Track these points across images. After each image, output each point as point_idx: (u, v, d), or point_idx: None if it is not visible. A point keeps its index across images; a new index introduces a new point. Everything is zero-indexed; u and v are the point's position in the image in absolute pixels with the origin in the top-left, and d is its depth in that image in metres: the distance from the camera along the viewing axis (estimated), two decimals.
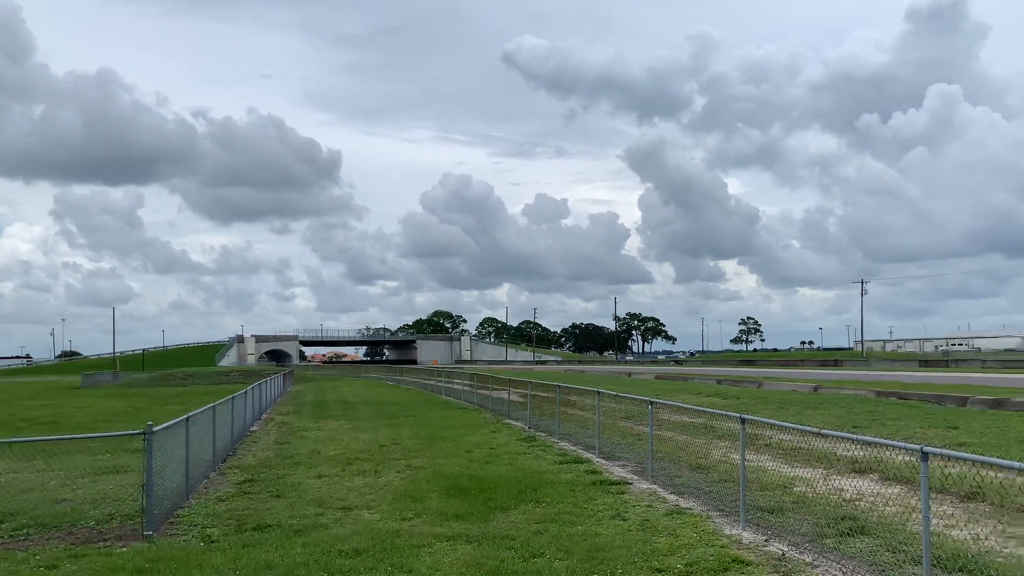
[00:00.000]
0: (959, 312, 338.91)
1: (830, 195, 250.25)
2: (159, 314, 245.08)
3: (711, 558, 7.50)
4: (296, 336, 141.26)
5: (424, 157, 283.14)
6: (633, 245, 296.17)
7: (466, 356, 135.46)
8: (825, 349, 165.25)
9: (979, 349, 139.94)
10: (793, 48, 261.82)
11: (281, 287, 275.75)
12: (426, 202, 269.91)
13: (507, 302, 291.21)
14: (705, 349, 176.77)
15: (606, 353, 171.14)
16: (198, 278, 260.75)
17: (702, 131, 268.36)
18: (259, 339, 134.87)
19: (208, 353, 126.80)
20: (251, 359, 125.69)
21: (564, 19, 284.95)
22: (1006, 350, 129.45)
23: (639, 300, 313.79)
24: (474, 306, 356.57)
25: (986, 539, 7.73)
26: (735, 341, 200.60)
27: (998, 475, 10.95)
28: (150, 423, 9.15)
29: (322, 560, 7.60)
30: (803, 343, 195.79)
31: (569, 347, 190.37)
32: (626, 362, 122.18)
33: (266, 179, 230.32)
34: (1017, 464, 5.29)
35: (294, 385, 50.46)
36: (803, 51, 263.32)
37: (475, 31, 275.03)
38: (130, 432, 9.83)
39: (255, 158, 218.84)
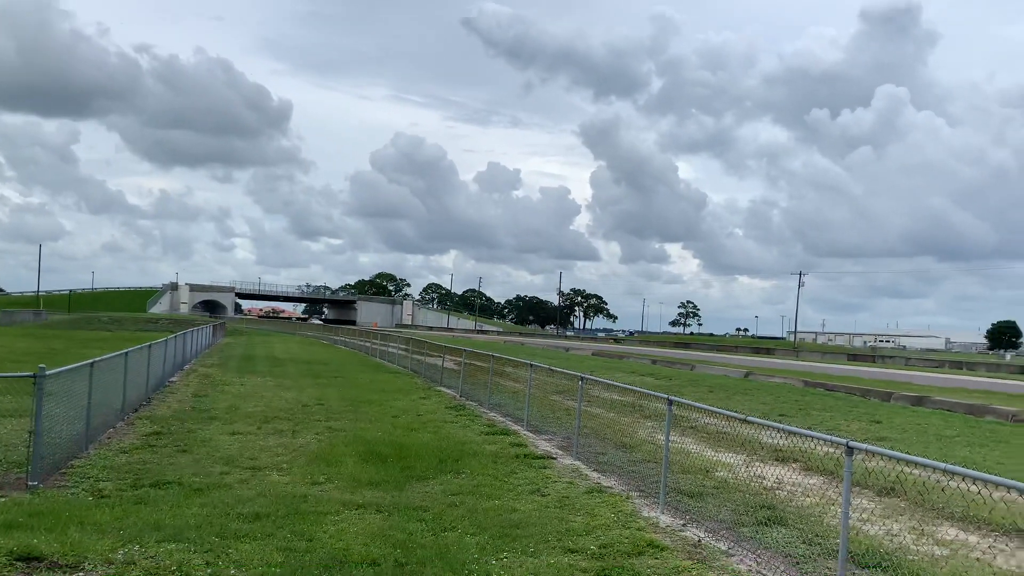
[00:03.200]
0: (889, 310, 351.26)
1: (776, 187, 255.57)
2: (90, 255, 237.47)
3: (626, 540, 7.28)
4: (233, 288, 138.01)
5: (377, 116, 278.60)
6: (582, 222, 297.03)
7: (407, 321, 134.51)
8: (759, 337, 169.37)
9: (904, 347, 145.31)
10: (751, 38, 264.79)
11: (221, 237, 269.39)
12: (376, 161, 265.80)
13: (453, 269, 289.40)
14: (644, 329, 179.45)
15: (548, 327, 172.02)
16: (134, 221, 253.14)
17: (657, 113, 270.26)
18: (194, 288, 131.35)
19: (140, 299, 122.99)
20: (184, 308, 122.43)
21: None
22: (929, 350, 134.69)
23: (584, 277, 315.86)
24: (419, 271, 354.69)
25: (902, 536, 7.70)
26: (674, 324, 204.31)
27: (915, 472, 11.07)
28: (42, 365, 8.47)
29: (217, 523, 7.12)
30: (739, 330, 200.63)
31: (512, 319, 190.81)
32: (566, 337, 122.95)
33: (211, 124, 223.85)
34: (940, 464, 5.14)
35: (225, 338, 49.16)
36: (760, 42, 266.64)
37: None
38: (19, 375, 9.12)
39: (201, 101, 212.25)
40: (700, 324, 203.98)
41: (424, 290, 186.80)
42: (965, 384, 33.75)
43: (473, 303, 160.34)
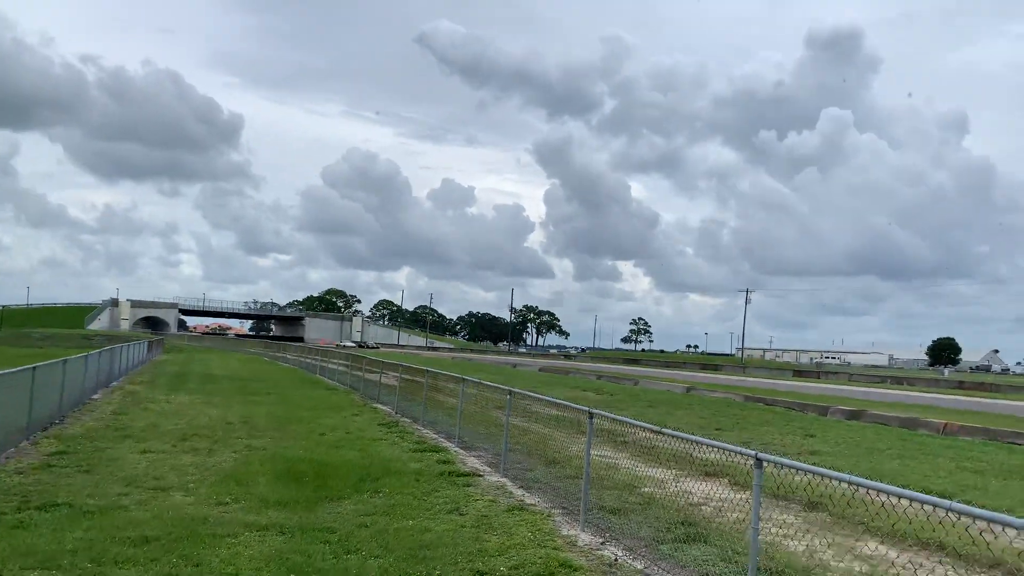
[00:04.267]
0: (835, 328, 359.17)
1: (725, 207, 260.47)
2: (28, 271, 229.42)
3: (539, 561, 6.96)
4: (176, 304, 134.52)
5: (330, 131, 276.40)
6: (536, 239, 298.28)
7: (356, 337, 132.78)
8: (709, 354, 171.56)
9: (849, 364, 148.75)
10: (702, 61, 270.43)
11: (167, 252, 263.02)
12: (328, 177, 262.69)
13: (406, 286, 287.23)
14: (597, 346, 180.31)
15: (501, 344, 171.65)
16: (76, 235, 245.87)
17: (609, 133, 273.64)
18: (135, 304, 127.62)
19: (78, 315, 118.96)
20: (125, 324, 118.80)
21: (482, 7, 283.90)
22: (872, 366, 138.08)
23: (538, 294, 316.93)
24: (371, 287, 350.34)
25: (822, 551, 7.53)
26: (625, 340, 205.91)
27: (842, 485, 10.99)
28: None
29: (98, 548, 6.59)
30: (689, 346, 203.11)
31: (464, 335, 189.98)
32: (518, 353, 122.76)
33: (159, 137, 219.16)
34: (851, 477, 4.94)
35: (163, 355, 47.64)
36: (711, 65, 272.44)
37: (391, 8, 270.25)
38: None
39: (148, 113, 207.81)
40: (651, 341, 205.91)
41: (375, 306, 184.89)
42: (903, 399, 34.40)
43: (425, 320, 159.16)
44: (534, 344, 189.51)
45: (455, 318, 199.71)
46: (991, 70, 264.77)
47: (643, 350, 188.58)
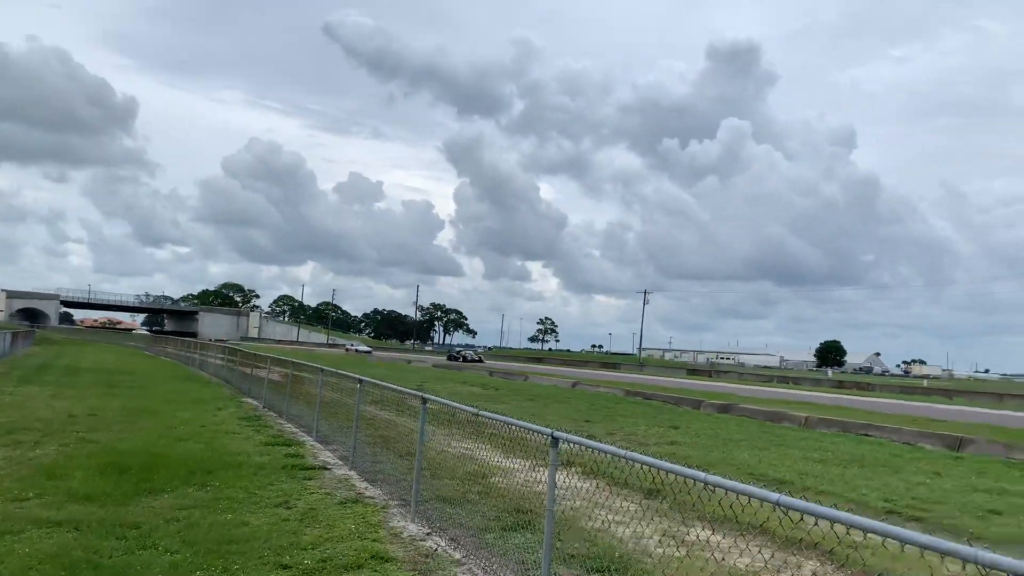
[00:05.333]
0: (731, 330, 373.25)
1: (630, 211, 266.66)
2: None
3: (352, 553, 6.63)
4: (58, 295, 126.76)
5: (231, 120, 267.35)
6: (445, 237, 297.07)
7: (254, 333, 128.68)
8: (612, 353, 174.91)
9: (743, 364, 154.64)
10: (608, 68, 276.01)
11: (53, 241, 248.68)
12: (229, 167, 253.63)
13: (310, 281, 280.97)
14: (504, 345, 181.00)
15: (407, 342, 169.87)
16: None
17: (518, 134, 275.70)
18: (11, 295, 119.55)
19: None
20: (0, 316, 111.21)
21: (390, 1, 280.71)
22: (764, 367, 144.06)
23: (447, 292, 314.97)
24: (274, 282, 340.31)
25: (649, 537, 7.49)
26: (533, 340, 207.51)
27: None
28: None
29: None
30: (594, 346, 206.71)
31: (370, 333, 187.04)
32: (424, 351, 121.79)
33: (45, 118, 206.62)
34: (642, 457, 4.81)
35: (32, 347, 44.67)
36: (616, 72, 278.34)
37: None
38: None
39: (33, 92, 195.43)
40: (558, 341, 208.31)
41: (275, 302, 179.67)
42: (784, 396, 35.76)
43: (327, 316, 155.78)
44: (441, 343, 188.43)
45: (360, 315, 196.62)
46: (876, 89, 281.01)
47: (549, 349, 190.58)
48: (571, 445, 5.15)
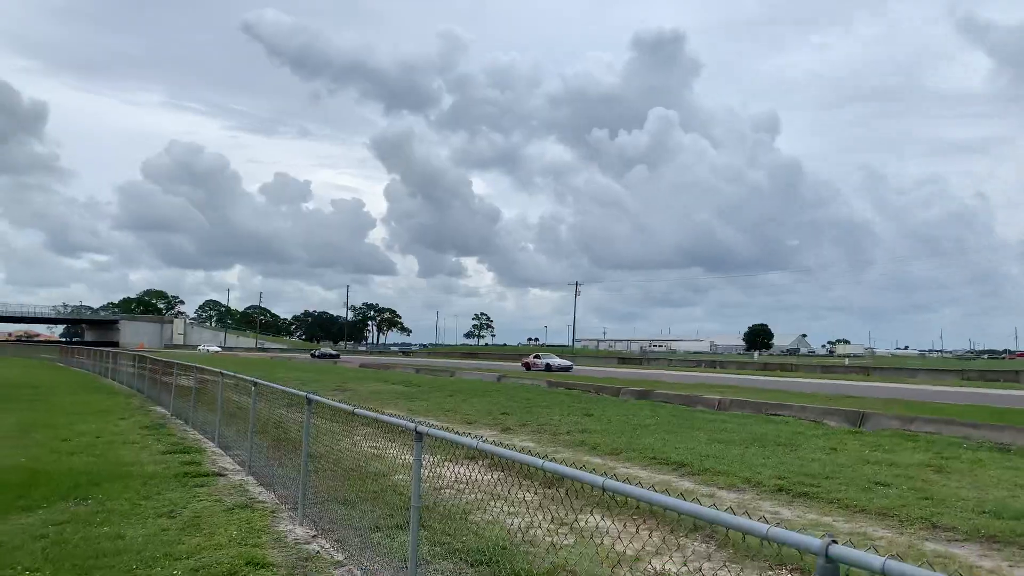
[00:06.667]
0: (664, 318, 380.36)
1: (563, 203, 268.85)
2: None
3: (227, 561, 6.40)
4: None
5: (149, 122, 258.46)
6: (378, 235, 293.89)
7: (179, 340, 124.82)
8: (548, 345, 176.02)
9: (674, 351, 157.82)
10: (536, 60, 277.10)
11: None
12: (149, 171, 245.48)
13: (239, 285, 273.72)
14: (440, 342, 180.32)
15: (340, 343, 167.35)
16: None
17: (448, 129, 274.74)
18: None
19: None
20: None
21: None
22: (694, 352, 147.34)
23: (382, 291, 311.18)
24: (200, 288, 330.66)
25: (539, 527, 7.46)
26: (468, 336, 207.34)
27: (593, 459, 11.16)
28: None
29: None
30: (530, 339, 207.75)
31: (301, 336, 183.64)
32: (356, 352, 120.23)
33: None
34: (498, 449, 4.74)
35: None
36: (545, 64, 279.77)
37: None
38: None
39: None
40: (494, 336, 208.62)
41: (201, 307, 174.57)
42: (706, 380, 36.51)
43: (255, 320, 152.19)
44: (375, 342, 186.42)
45: (291, 318, 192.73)
46: (797, 76, 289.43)
47: (485, 345, 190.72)
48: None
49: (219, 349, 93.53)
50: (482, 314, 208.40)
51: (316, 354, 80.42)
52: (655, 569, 6.29)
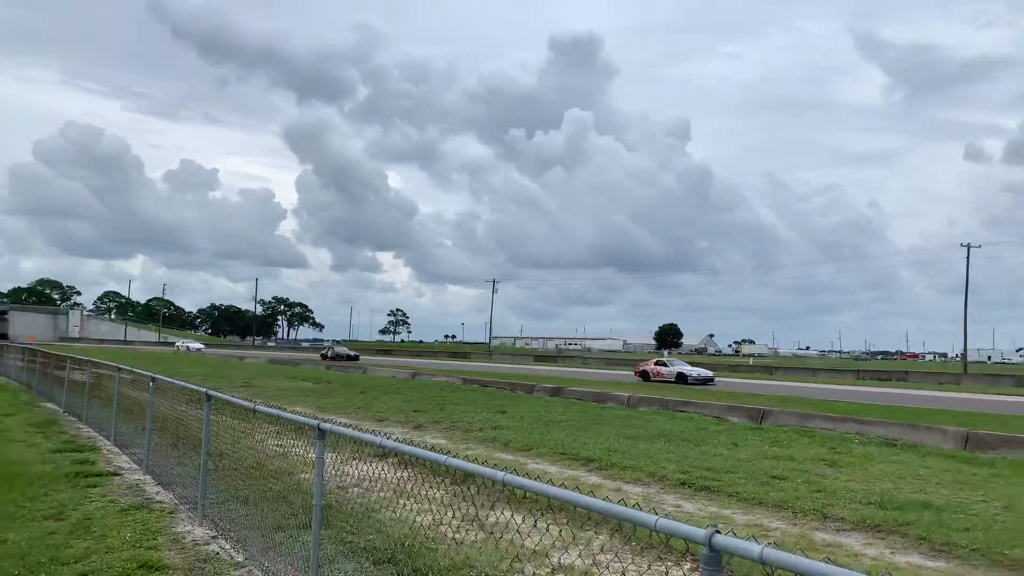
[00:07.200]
0: (579, 316, 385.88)
1: (480, 200, 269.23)
2: None
3: (119, 565, 6.12)
4: None
5: (43, 101, 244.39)
6: (289, 227, 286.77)
7: (75, 333, 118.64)
8: (464, 343, 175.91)
9: (589, 349, 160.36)
10: (452, 56, 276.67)
11: None
12: (42, 153, 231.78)
13: (140, 276, 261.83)
14: (354, 338, 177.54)
15: (249, 338, 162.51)
16: None
17: (363, 121, 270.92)
18: None
19: None
20: None
21: None
22: (608, 351, 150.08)
23: (293, 285, 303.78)
24: (98, 278, 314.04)
25: (448, 523, 7.44)
26: (384, 332, 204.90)
27: (504, 455, 11.22)
28: None
29: None
30: (447, 336, 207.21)
31: (207, 330, 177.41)
32: (266, 348, 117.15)
33: None
34: (398, 445, 4.71)
35: None
36: (461, 60, 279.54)
37: None
38: None
39: None
40: (410, 332, 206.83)
41: (100, 299, 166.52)
42: (620, 378, 37.23)
43: (158, 313, 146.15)
44: (285, 338, 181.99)
45: (196, 311, 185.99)
46: (708, 84, 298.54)
47: (401, 341, 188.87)
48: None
49: (202, 348, 77.33)
50: (398, 310, 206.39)
51: (329, 355, 58.32)
52: (558, 563, 6.38)
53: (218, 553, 6.60)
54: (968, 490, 9.55)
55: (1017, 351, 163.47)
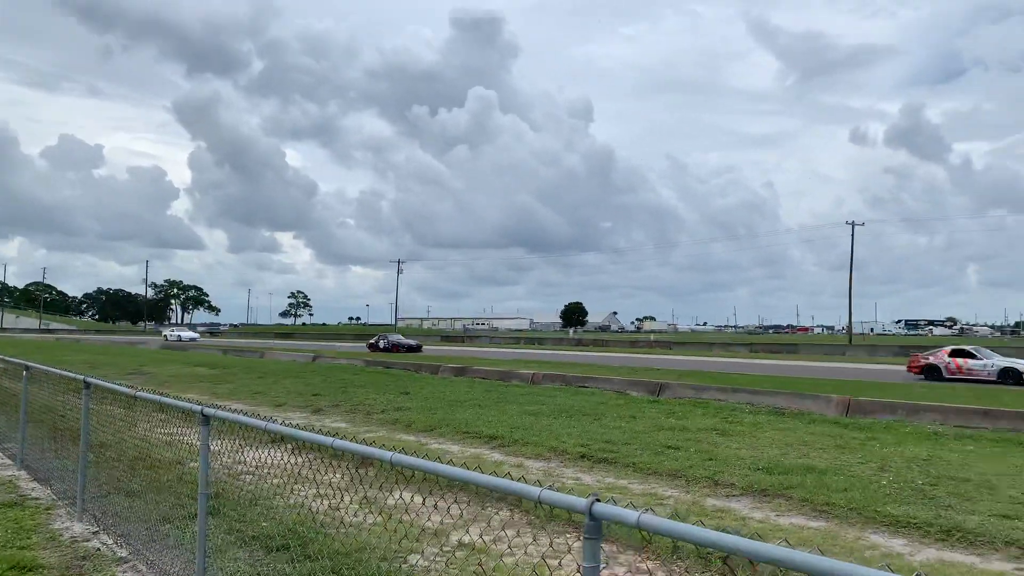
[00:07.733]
0: (487, 296, 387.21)
1: (384, 179, 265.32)
2: None
3: None
4: None
5: None
6: (181, 207, 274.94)
7: None
8: (370, 325, 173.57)
9: (497, 329, 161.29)
10: (352, 30, 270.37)
11: None
12: None
13: (18, 259, 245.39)
14: (253, 321, 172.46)
15: (140, 323, 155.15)
16: None
17: (259, 96, 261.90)
18: None
19: None
20: None
21: None
22: (515, 330, 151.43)
23: (187, 267, 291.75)
24: None
25: (347, 506, 7.31)
26: (284, 315, 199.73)
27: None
28: None
29: None
30: (351, 319, 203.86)
31: (94, 315, 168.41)
32: (158, 332, 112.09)
33: None
34: (284, 428, 4.56)
35: None
36: (362, 35, 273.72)
37: None
38: None
39: None
40: (312, 315, 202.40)
41: None
42: (525, 356, 37.62)
43: (38, 298, 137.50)
44: (180, 322, 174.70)
45: (82, 296, 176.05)
46: (609, 65, 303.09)
47: (302, 324, 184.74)
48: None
49: (197, 336, 70.01)
50: (299, 292, 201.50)
51: (383, 345, 46.82)
52: (457, 541, 6.38)
53: (99, 549, 6.27)
54: (847, 453, 10.12)
55: (896, 323, 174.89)
